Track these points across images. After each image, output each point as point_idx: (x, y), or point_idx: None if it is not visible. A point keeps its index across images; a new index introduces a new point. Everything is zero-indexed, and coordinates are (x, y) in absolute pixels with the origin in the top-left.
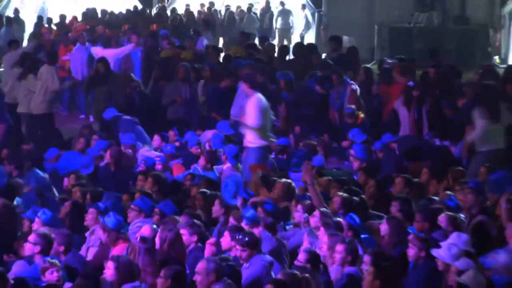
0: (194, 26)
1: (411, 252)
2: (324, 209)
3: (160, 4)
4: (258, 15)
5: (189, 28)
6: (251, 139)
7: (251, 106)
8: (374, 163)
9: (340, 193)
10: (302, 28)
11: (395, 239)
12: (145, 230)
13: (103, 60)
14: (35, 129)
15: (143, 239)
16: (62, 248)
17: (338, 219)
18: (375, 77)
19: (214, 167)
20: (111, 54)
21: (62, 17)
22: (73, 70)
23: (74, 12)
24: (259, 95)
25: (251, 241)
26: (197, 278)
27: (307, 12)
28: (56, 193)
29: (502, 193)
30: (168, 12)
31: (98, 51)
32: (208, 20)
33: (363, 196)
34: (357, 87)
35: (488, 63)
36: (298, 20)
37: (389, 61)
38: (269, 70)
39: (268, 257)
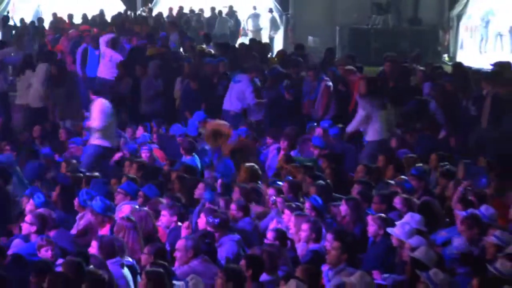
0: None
1: (371, 229)
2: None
3: (144, 8)
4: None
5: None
6: (93, 138)
7: (95, 109)
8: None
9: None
10: (269, 29)
11: (354, 217)
12: (125, 210)
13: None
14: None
15: (128, 219)
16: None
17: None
18: None
19: None
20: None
21: (55, 16)
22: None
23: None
24: (103, 99)
25: (221, 222)
26: (177, 254)
27: (275, 14)
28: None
29: None
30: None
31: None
32: (175, 22)
33: (328, 180)
34: (331, 84)
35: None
36: (265, 22)
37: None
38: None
39: (237, 236)
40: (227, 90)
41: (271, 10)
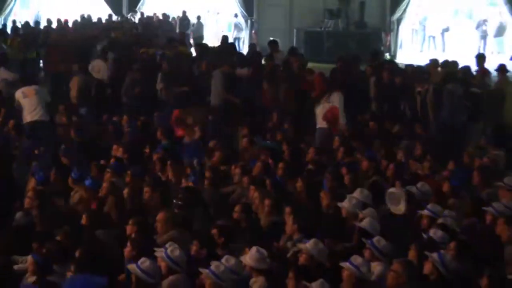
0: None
1: (324, 202)
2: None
3: (132, 12)
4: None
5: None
6: None
7: None
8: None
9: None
10: (233, 32)
11: (310, 194)
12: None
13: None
14: None
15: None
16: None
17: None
18: None
19: None
20: None
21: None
22: None
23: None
24: None
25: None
26: (157, 225)
27: (241, 19)
28: None
29: None
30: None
31: None
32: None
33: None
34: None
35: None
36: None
37: None
38: None
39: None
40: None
41: (236, 15)
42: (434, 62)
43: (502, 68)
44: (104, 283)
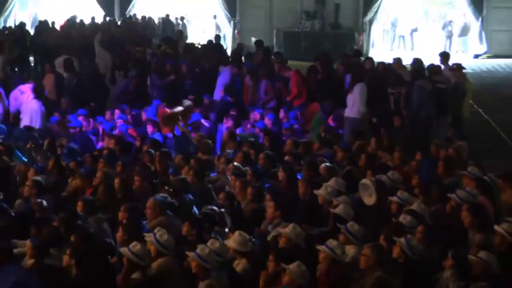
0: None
1: (301, 190)
2: (236, 163)
3: (126, 14)
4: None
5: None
6: None
7: None
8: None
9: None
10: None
11: (289, 182)
12: None
13: None
14: None
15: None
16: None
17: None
18: None
19: None
20: None
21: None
22: None
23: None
24: None
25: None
26: (147, 211)
27: (225, 20)
28: None
29: None
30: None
31: None
32: None
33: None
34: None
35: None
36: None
37: None
38: None
39: (190, 196)
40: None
41: (215, 17)
42: (397, 60)
43: (458, 67)
44: None
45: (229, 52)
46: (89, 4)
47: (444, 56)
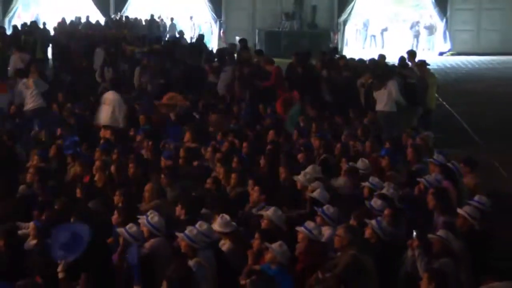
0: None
1: (282, 176)
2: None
3: (115, 15)
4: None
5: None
6: None
7: None
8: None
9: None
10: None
11: (269, 168)
12: None
13: None
14: None
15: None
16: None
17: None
18: None
19: None
20: None
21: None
22: None
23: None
24: None
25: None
26: (145, 194)
27: (211, 20)
28: None
29: None
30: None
31: None
32: None
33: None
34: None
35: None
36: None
37: None
38: None
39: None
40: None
41: (191, 18)
42: (382, 56)
43: (423, 63)
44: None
45: (214, 50)
46: (86, 4)
47: (411, 54)
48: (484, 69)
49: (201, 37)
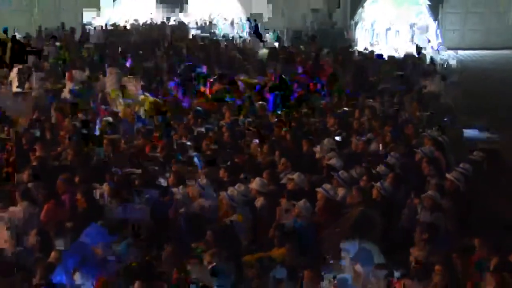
0: None
1: (304, 147)
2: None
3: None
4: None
5: None
6: None
7: None
8: None
9: None
10: None
11: (294, 142)
12: None
13: None
14: None
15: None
16: None
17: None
18: None
19: None
20: None
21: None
22: None
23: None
24: None
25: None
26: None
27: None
28: None
29: None
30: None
31: None
32: None
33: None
34: None
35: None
36: None
37: None
38: None
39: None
40: None
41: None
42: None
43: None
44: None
45: None
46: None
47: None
48: (469, 61)
49: None
